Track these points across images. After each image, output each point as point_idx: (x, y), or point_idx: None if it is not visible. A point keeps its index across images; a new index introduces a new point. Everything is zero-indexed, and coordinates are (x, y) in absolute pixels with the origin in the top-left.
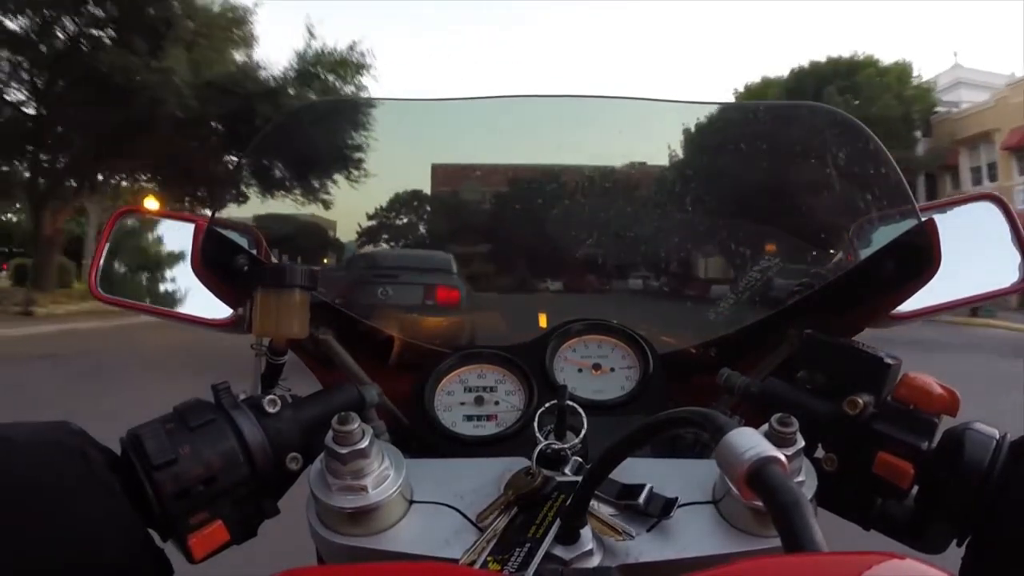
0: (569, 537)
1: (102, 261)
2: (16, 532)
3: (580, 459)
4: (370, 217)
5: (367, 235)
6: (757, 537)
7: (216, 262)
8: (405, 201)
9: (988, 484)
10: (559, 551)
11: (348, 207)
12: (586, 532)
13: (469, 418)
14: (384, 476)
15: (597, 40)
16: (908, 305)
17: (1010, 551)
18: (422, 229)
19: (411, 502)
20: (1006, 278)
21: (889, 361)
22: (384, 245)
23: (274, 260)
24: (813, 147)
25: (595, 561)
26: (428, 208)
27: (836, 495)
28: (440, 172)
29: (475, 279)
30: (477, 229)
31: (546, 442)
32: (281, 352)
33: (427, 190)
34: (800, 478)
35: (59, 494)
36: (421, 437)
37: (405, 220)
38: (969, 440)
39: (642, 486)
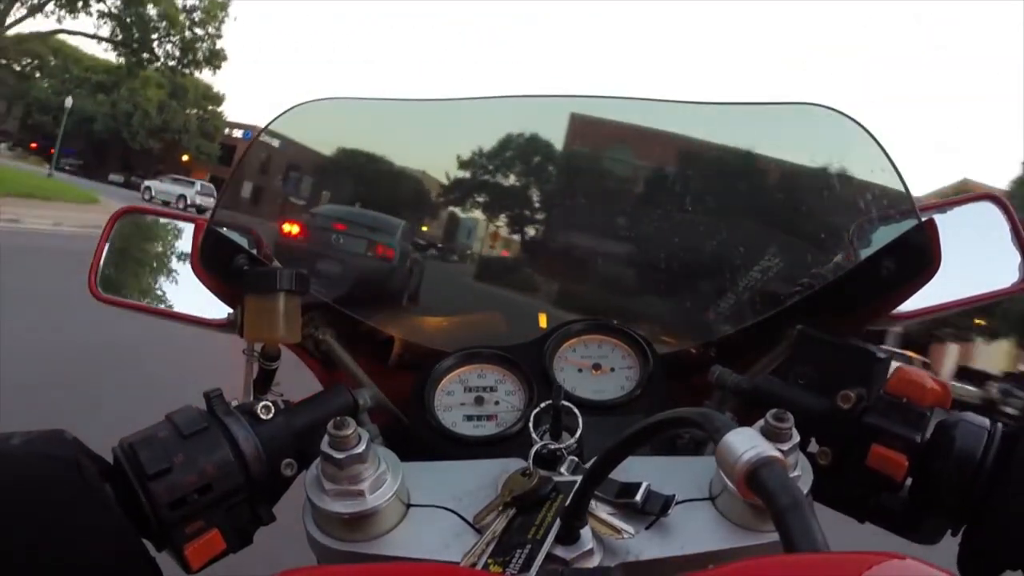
0: (569, 537)
1: (101, 261)
2: (10, 546)
3: (576, 459)
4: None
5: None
6: (756, 532)
7: (216, 262)
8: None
9: (981, 474)
10: (559, 551)
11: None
12: (586, 532)
13: (469, 418)
14: (381, 480)
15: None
16: (908, 305)
17: (1005, 540)
18: (422, 228)
19: (408, 506)
20: (1006, 278)
21: (881, 355)
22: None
23: (276, 262)
24: (813, 147)
25: (595, 561)
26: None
27: (830, 489)
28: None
29: (475, 278)
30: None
31: (542, 442)
32: (273, 357)
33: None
34: (796, 473)
35: (53, 507)
36: (421, 437)
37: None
38: (962, 431)
39: (639, 484)
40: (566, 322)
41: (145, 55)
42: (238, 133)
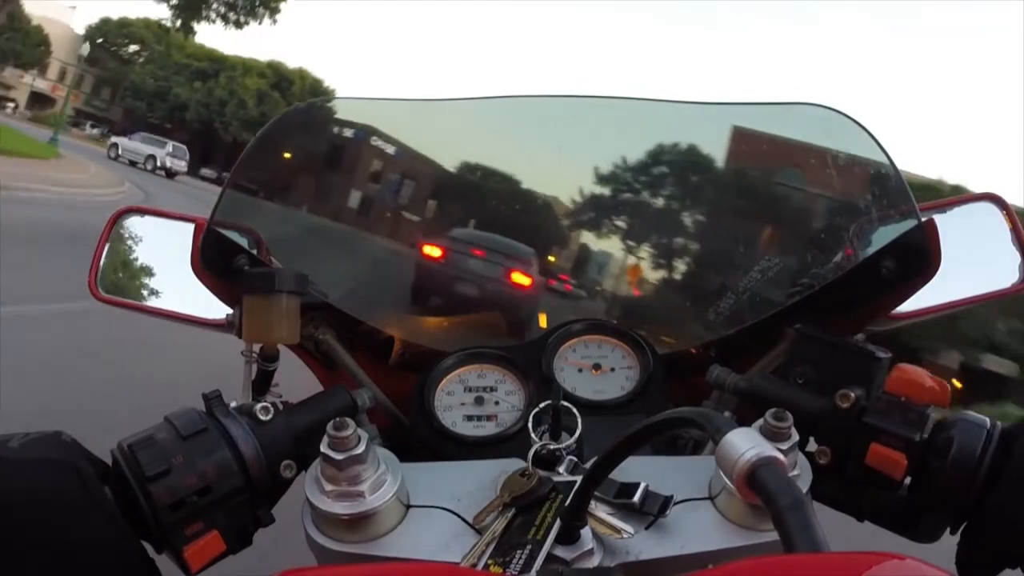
0: (569, 537)
1: (101, 261)
2: (9, 550)
3: (575, 459)
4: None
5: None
6: (755, 532)
7: (216, 262)
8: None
9: (979, 473)
10: (560, 551)
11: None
12: (586, 532)
13: (469, 418)
14: (381, 481)
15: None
16: (908, 305)
17: (1003, 539)
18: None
19: (408, 506)
20: (1006, 278)
21: (879, 355)
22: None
23: (275, 262)
24: (812, 146)
25: (595, 561)
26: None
27: (830, 488)
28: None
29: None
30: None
31: (541, 443)
32: (272, 358)
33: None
34: (795, 472)
35: (52, 511)
36: (421, 437)
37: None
38: (960, 430)
39: (637, 484)
40: (566, 322)
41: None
42: (348, 132)
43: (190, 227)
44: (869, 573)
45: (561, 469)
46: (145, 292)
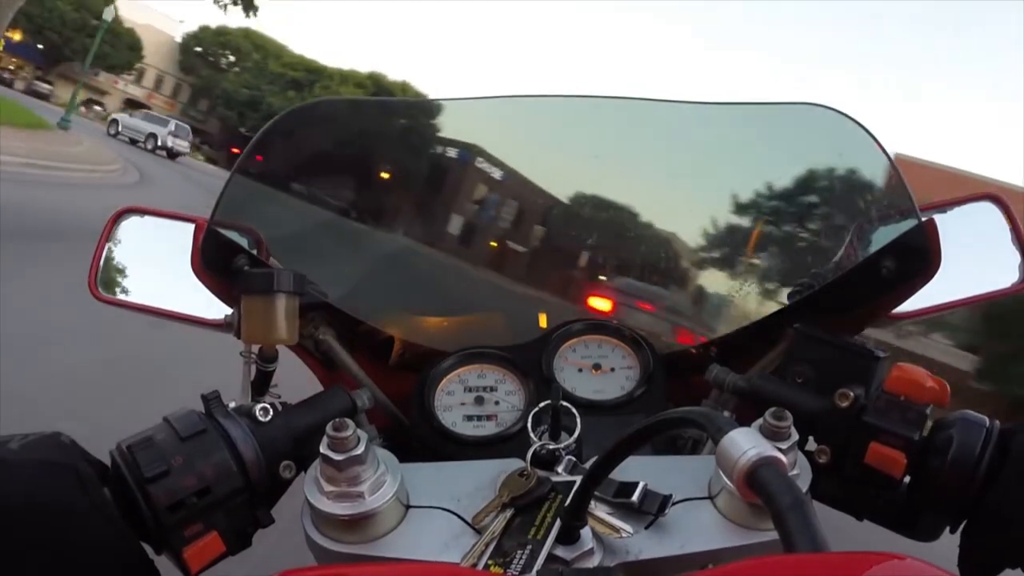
0: (569, 537)
1: (101, 261)
2: (8, 553)
3: (573, 459)
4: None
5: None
6: (755, 531)
7: (216, 262)
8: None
9: (978, 472)
10: (560, 551)
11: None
12: (586, 532)
13: (469, 418)
14: (381, 482)
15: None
16: (908, 305)
17: (1003, 539)
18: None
19: (408, 507)
20: (1006, 278)
21: (878, 354)
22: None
23: (275, 262)
24: (813, 147)
25: (596, 560)
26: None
27: (829, 487)
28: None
29: (477, 278)
30: (483, 228)
31: (540, 442)
32: (271, 359)
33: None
34: (795, 472)
35: (52, 513)
36: (421, 437)
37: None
38: (959, 429)
39: (636, 484)
40: (566, 322)
41: None
42: (452, 152)
43: (190, 227)
44: (869, 573)
45: (560, 469)
46: (145, 292)
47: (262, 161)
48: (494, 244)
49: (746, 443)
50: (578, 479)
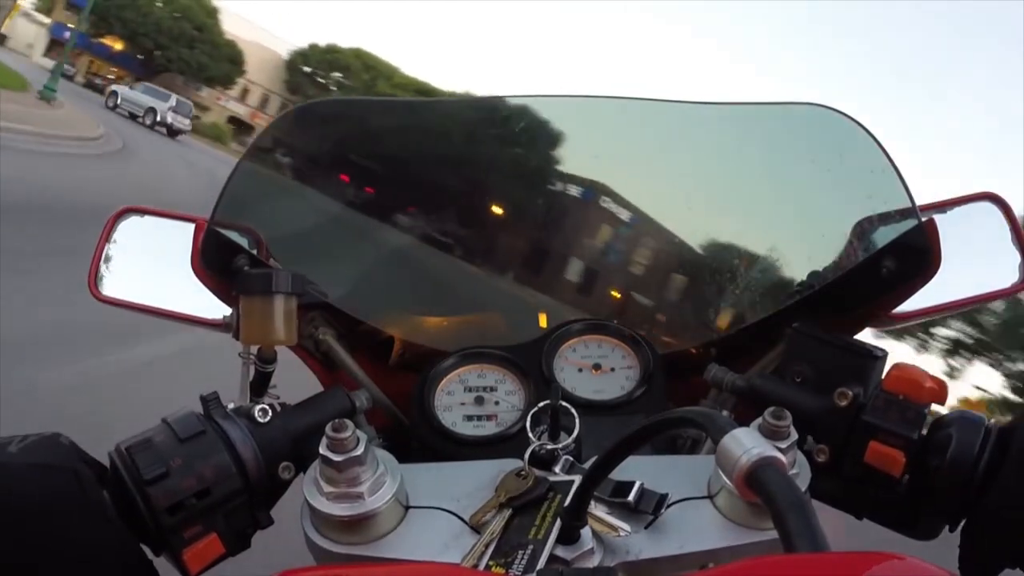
0: (569, 537)
1: (101, 261)
2: (7, 556)
3: (570, 458)
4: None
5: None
6: (755, 530)
7: (216, 262)
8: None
9: (977, 470)
10: (560, 551)
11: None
12: (586, 531)
13: (469, 418)
14: (380, 482)
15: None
16: (908, 305)
17: (1003, 536)
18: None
19: (407, 507)
20: (1006, 278)
21: (877, 353)
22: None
23: (275, 262)
24: (813, 147)
25: (596, 560)
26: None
27: (828, 486)
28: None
29: (476, 278)
30: (483, 228)
31: (539, 442)
32: (270, 360)
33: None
34: (794, 471)
35: (51, 516)
36: (421, 437)
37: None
38: (958, 427)
39: (632, 483)
40: (566, 322)
41: None
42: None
43: (190, 227)
44: (870, 573)
45: (557, 469)
46: (145, 291)
47: (263, 161)
48: (495, 244)
49: (746, 443)
50: (576, 478)
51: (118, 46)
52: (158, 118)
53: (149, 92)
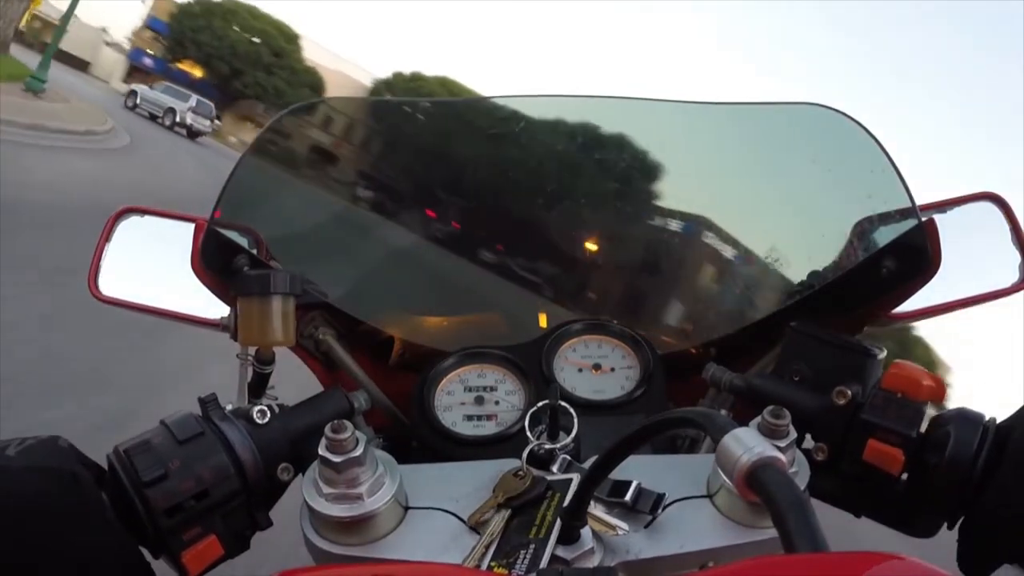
0: (569, 537)
1: (101, 261)
2: (6, 559)
3: (568, 458)
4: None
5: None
6: (755, 529)
7: (215, 262)
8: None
9: (976, 468)
10: (560, 551)
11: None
12: (586, 531)
13: (469, 418)
14: (379, 483)
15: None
16: (908, 305)
17: (1001, 534)
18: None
19: (407, 508)
20: (1006, 278)
21: (875, 351)
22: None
23: (276, 262)
24: (813, 147)
25: (596, 560)
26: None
27: (827, 484)
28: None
29: (476, 278)
30: (484, 227)
31: (537, 442)
32: (268, 361)
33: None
34: (793, 470)
35: (50, 519)
36: (421, 437)
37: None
38: (957, 425)
39: (630, 483)
40: (566, 322)
41: None
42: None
43: (190, 227)
44: (869, 573)
45: (555, 468)
46: (145, 291)
47: (263, 161)
48: (495, 243)
49: (746, 443)
50: (574, 477)
51: (197, 73)
52: (177, 119)
53: (169, 92)
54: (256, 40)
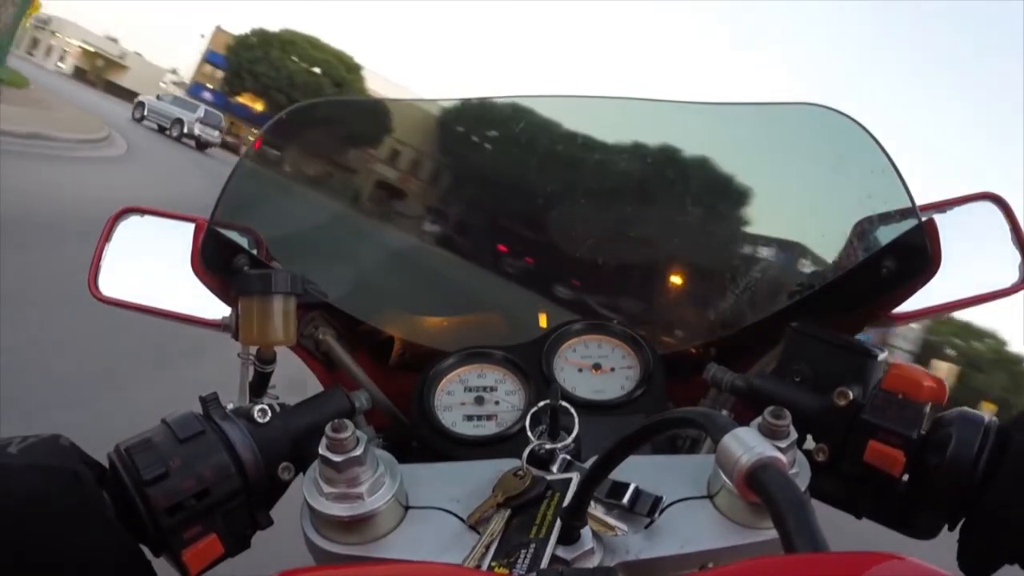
0: (569, 537)
1: (101, 261)
2: (7, 557)
3: (568, 457)
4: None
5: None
6: (755, 529)
7: (216, 262)
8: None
9: (977, 469)
10: (560, 551)
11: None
12: (585, 531)
13: (469, 418)
14: (380, 483)
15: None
16: (908, 305)
17: (1002, 535)
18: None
19: (407, 508)
20: (1006, 278)
21: (876, 352)
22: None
23: (276, 262)
24: (813, 147)
25: (596, 560)
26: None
27: (828, 485)
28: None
29: (477, 278)
30: (484, 227)
31: (537, 442)
32: (269, 360)
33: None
34: (794, 470)
35: (51, 517)
36: (421, 437)
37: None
38: (958, 426)
39: (628, 485)
40: (566, 322)
41: None
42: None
43: (190, 227)
44: (869, 573)
45: (554, 468)
46: (145, 291)
47: (263, 161)
48: (495, 243)
49: (747, 443)
50: (573, 477)
51: (258, 107)
52: (185, 129)
53: (177, 103)
54: (316, 70)
